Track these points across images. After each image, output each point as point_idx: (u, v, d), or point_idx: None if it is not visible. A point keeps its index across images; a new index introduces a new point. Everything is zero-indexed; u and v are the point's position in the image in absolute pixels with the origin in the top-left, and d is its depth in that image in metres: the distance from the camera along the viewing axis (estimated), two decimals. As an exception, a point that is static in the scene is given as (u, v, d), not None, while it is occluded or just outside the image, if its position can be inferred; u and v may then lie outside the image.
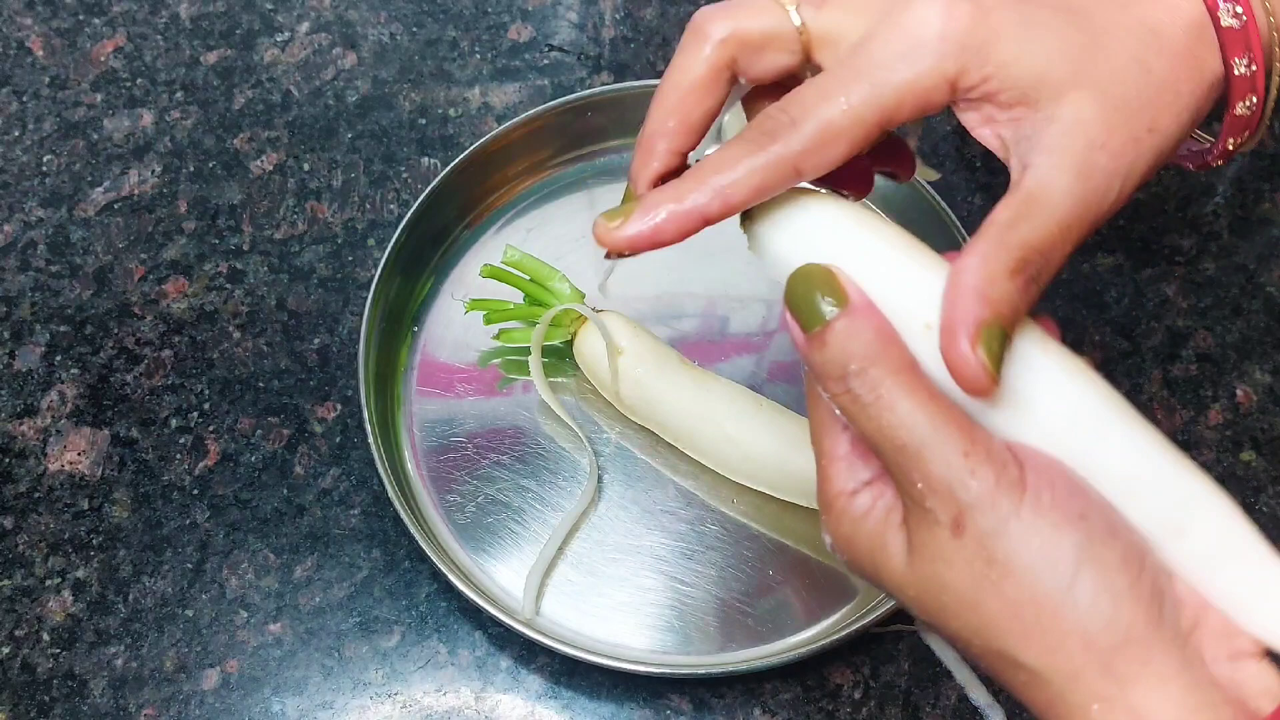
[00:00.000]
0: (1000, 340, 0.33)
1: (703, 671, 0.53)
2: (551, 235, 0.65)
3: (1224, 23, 0.37)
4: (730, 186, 0.36)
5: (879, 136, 0.36)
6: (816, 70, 0.38)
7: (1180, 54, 0.36)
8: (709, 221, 0.37)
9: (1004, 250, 0.34)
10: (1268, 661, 0.34)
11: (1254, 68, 0.37)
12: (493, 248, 0.64)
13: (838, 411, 0.35)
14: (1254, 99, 0.38)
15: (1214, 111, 0.39)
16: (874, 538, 0.35)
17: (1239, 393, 0.61)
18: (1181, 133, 0.37)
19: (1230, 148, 0.41)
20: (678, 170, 0.39)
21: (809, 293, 0.35)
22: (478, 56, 0.72)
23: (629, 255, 0.37)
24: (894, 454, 0.33)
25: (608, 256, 0.38)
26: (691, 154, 0.41)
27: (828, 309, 0.34)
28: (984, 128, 0.36)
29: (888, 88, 0.35)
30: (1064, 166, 0.35)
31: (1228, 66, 0.37)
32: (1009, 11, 0.35)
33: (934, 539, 0.33)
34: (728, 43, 0.37)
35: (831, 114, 0.35)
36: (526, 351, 0.60)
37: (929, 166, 0.39)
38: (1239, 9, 0.37)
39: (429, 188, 0.62)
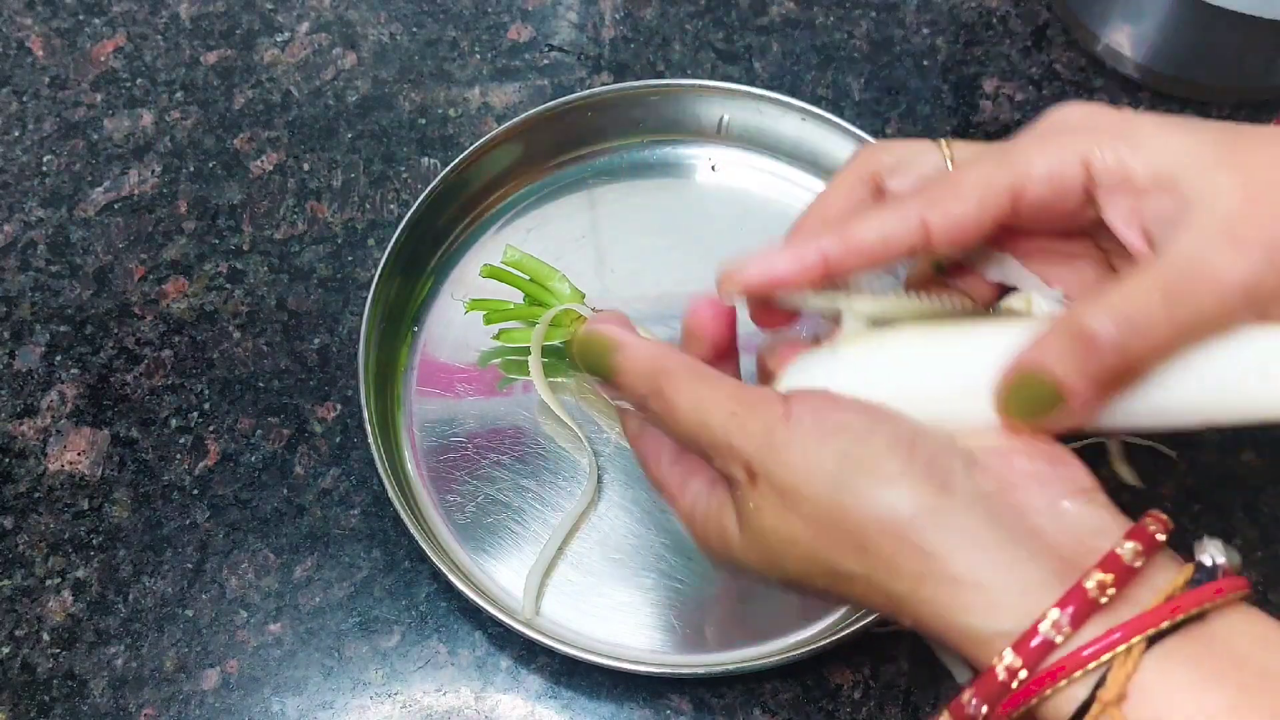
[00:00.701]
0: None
1: (703, 671, 0.53)
2: (551, 235, 0.65)
3: None
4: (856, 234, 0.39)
5: (1008, 211, 0.37)
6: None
7: None
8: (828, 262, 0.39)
9: None
10: (1090, 498, 0.34)
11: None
12: (493, 248, 0.64)
13: (654, 435, 0.40)
14: None
15: None
16: (714, 522, 0.38)
17: (1239, 393, 0.61)
18: None
19: None
20: (813, 281, 0.40)
21: (590, 353, 0.40)
22: (478, 56, 0.72)
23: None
24: (693, 443, 0.37)
25: (728, 297, 0.41)
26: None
27: (606, 357, 0.40)
28: (1129, 220, 0.36)
29: (1017, 160, 0.36)
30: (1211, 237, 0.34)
31: None
32: (1147, 115, 0.37)
33: (744, 498, 0.36)
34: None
35: (961, 177, 0.37)
36: (526, 351, 0.60)
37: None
38: None
39: (429, 188, 0.62)
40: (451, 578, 0.53)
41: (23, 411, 0.60)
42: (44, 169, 0.67)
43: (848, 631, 0.52)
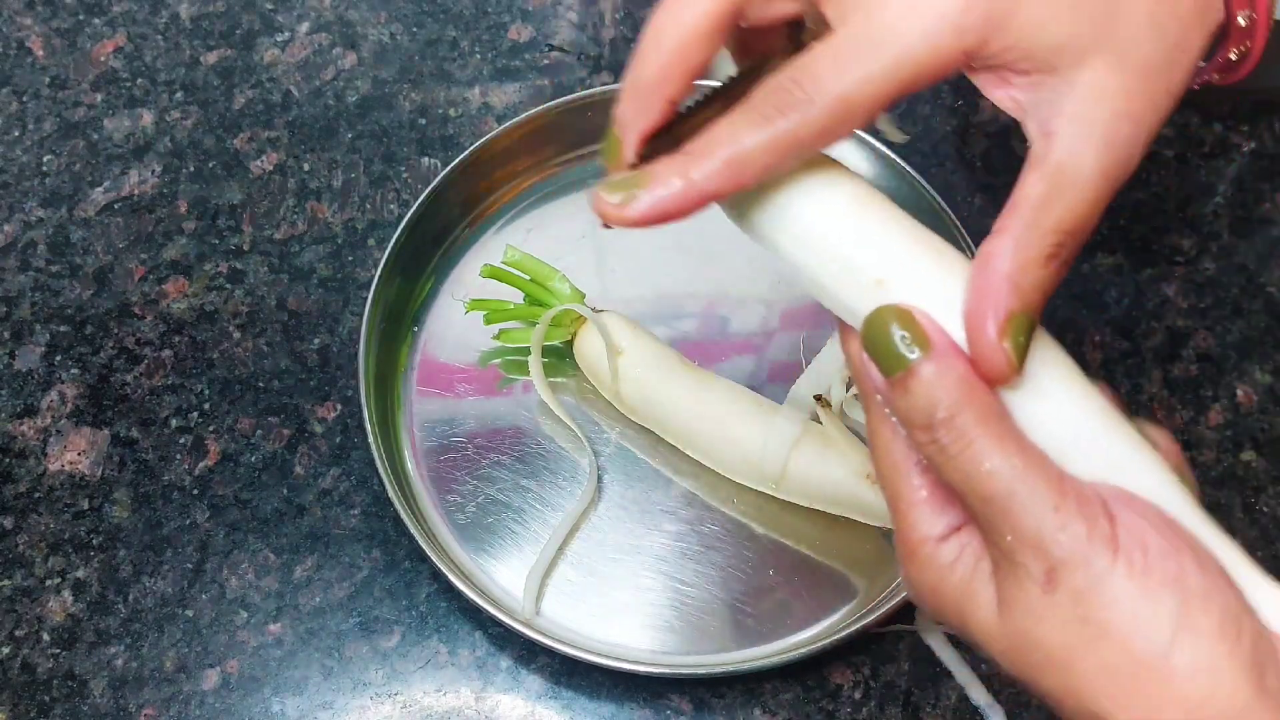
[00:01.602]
0: (1028, 331, 0.33)
1: (703, 671, 0.53)
2: (551, 235, 0.65)
3: None
4: (742, 163, 0.34)
5: (889, 108, 0.35)
6: (819, 21, 0.35)
7: (1190, 10, 0.35)
8: (716, 199, 0.35)
9: (1038, 234, 0.33)
10: None
11: (1254, 17, 0.37)
12: (493, 248, 0.64)
13: (915, 457, 0.34)
14: (1247, 44, 0.38)
15: None
16: (962, 588, 0.34)
17: (1239, 393, 0.61)
18: (1188, 85, 0.36)
19: (1211, 81, 0.41)
20: (666, 121, 0.37)
21: (888, 335, 0.33)
22: (478, 56, 0.72)
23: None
24: (981, 505, 0.32)
25: (606, 227, 0.36)
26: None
27: (909, 353, 0.33)
28: (998, 89, 0.35)
29: (906, 61, 0.33)
30: (1091, 137, 0.33)
31: (1230, 17, 0.37)
32: None
33: (1025, 594, 0.32)
34: None
35: (848, 89, 0.33)
36: (526, 351, 0.60)
37: (897, 128, 0.37)
38: None
39: (429, 188, 0.62)
40: (451, 578, 0.53)
41: (23, 411, 0.60)
42: (44, 169, 0.67)
43: (848, 631, 0.52)
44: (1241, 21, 0.37)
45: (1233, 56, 0.39)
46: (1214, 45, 0.38)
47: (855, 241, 0.35)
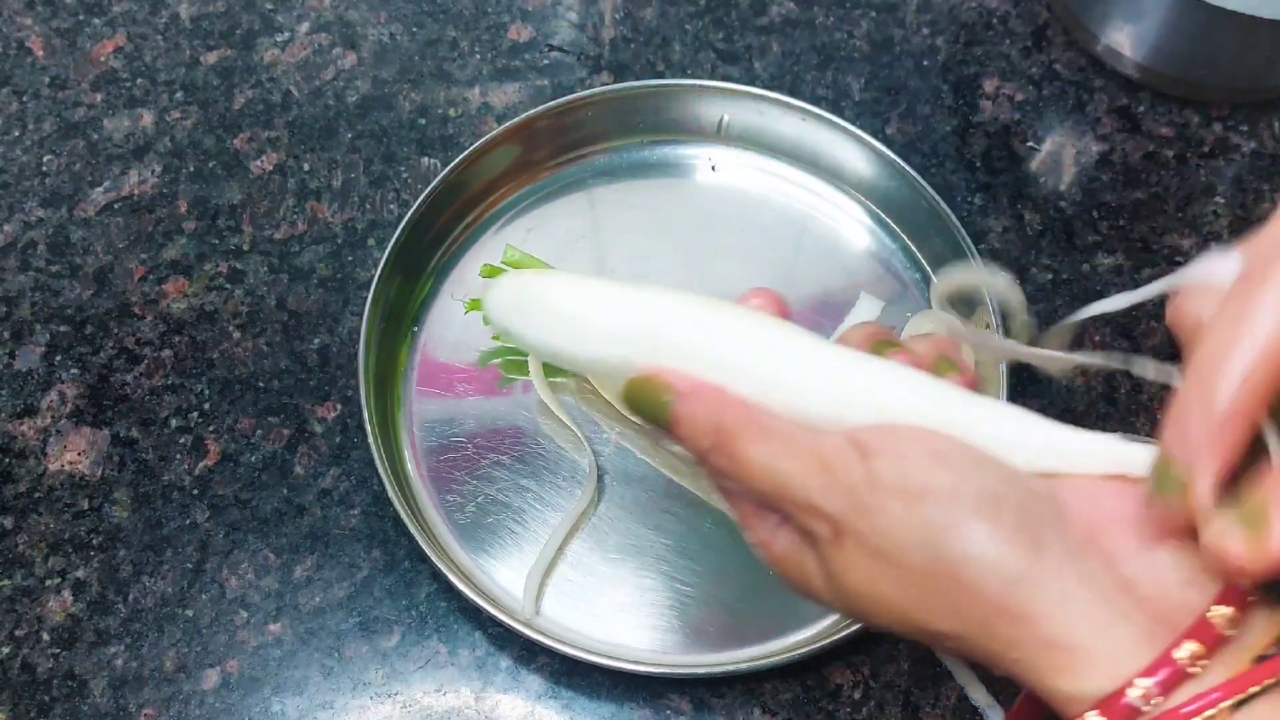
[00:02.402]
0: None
1: (703, 671, 0.53)
2: (551, 235, 0.65)
3: None
4: None
5: None
6: None
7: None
8: None
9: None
10: (1181, 541, 0.33)
11: None
12: (493, 248, 0.64)
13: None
14: None
15: None
16: (799, 570, 0.38)
17: (1239, 393, 0.61)
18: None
19: None
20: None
21: (643, 399, 0.38)
22: (478, 56, 0.72)
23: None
24: (770, 500, 0.37)
25: (1239, 577, 0.31)
26: None
27: (666, 399, 0.37)
28: None
29: None
30: None
31: None
32: None
33: (829, 554, 0.36)
34: None
35: None
36: (526, 352, 0.60)
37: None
38: None
39: (429, 188, 0.62)
40: (451, 578, 0.53)
41: (23, 411, 0.60)
42: (44, 169, 0.67)
43: (848, 631, 0.52)
44: None
45: None
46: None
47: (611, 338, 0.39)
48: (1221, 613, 0.31)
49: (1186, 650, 0.31)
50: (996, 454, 0.35)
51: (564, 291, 0.40)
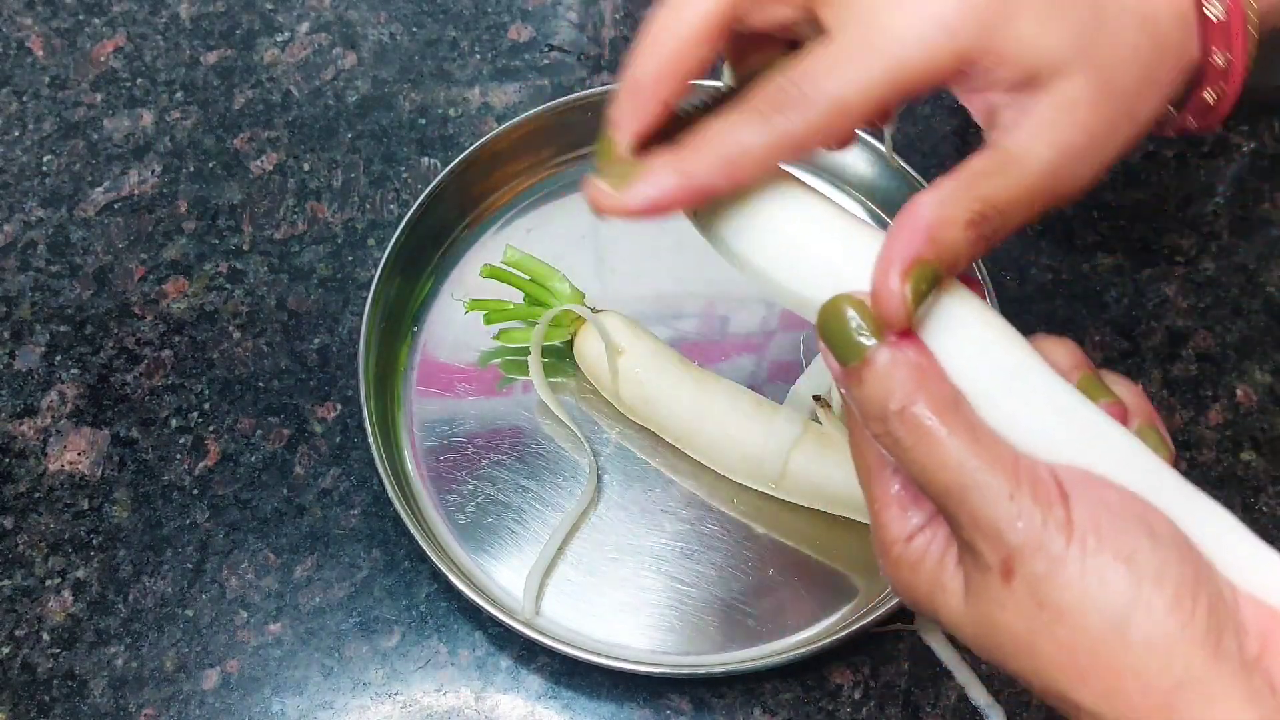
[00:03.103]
0: (930, 282, 0.32)
1: (703, 671, 0.53)
2: (551, 235, 0.65)
3: (1209, 13, 0.36)
4: (738, 160, 0.34)
5: (885, 113, 0.35)
6: (816, 28, 0.36)
7: (1167, 42, 0.36)
8: (711, 196, 0.35)
9: (967, 197, 0.33)
10: None
11: (1230, 59, 0.37)
12: (493, 248, 0.64)
13: (883, 452, 0.34)
14: (1222, 87, 0.38)
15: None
16: (931, 580, 0.34)
17: (1239, 393, 0.61)
18: (1155, 119, 0.37)
19: (1189, 126, 0.41)
20: (661, 122, 0.37)
21: (843, 326, 0.33)
22: (478, 56, 0.72)
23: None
24: (939, 497, 0.33)
25: (600, 217, 0.35)
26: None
27: (865, 341, 0.33)
28: (975, 95, 0.36)
29: (903, 66, 0.34)
30: (1046, 140, 0.34)
31: (1206, 56, 0.37)
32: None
33: (986, 582, 0.32)
34: None
35: (844, 90, 0.33)
36: (526, 351, 0.60)
37: (895, 153, 0.37)
38: (1224, 3, 0.36)
39: (429, 188, 0.62)
40: (451, 578, 0.53)
41: (23, 411, 0.60)
42: (44, 169, 0.67)
43: (847, 631, 0.52)
44: (1218, 61, 0.37)
45: (1208, 98, 0.39)
46: (1189, 89, 0.38)
47: (831, 248, 0.35)
48: None
49: None
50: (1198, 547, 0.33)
51: (790, 212, 0.35)
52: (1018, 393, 0.33)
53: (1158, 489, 0.33)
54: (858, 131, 0.64)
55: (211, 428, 0.60)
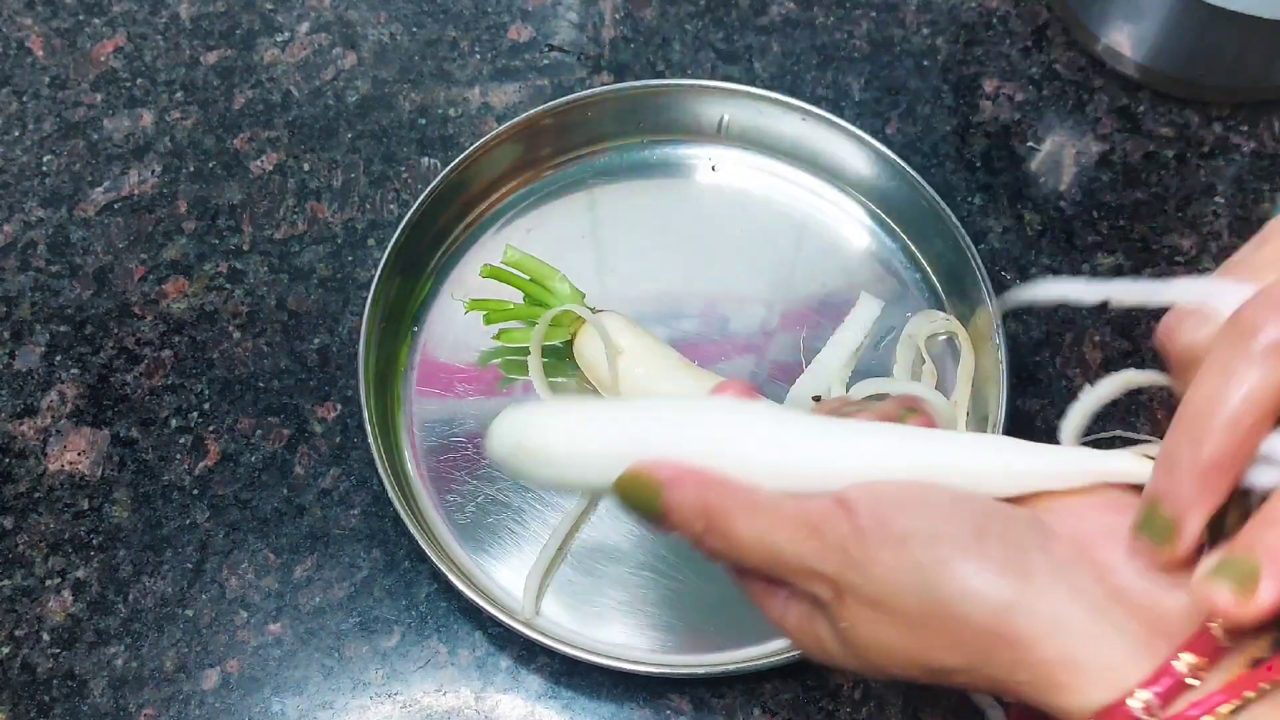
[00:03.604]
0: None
1: (703, 671, 0.53)
2: (551, 235, 0.65)
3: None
4: None
5: None
6: None
7: None
8: None
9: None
10: (1165, 574, 0.33)
11: None
12: (493, 248, 0.64)
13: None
14: None
15: None
16: (812, 639, 0.38)
17: (1239, 393, 0.61)
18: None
19: None
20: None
21: (635, 495, 0.38)
22: (478, 56, 0.72)
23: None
24: (769, 570, 0.37)
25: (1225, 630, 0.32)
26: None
27: (654, 495, 0.37)
28: None
29: None
30: None
31: None
32: None
33: (835, 614, 0.36)
34: None
35: None
36: (526, 351, 0.60)
37: None
38: None
39: (429, 188, 0.62)
40: (451, 578, 0.53)
41: (23, 411, 0.60)
42: (44, 169, 0.67)
43: (848, 631, 0.52)
44: None
45: None
46: None
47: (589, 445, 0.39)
48: (1221, 625, 0.31)
49: (1185, 662, 0.31)
50: (974, 487, 0.37)
51: (549, 434, 0.40)
52: (777, 447, 0.38)
53: (921, 455, 0.37)
54: (857, 132, 0.64)
55: (211, 428, 0.60)
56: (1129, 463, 0.37)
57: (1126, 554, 0.34)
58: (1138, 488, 0.35)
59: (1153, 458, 0.35)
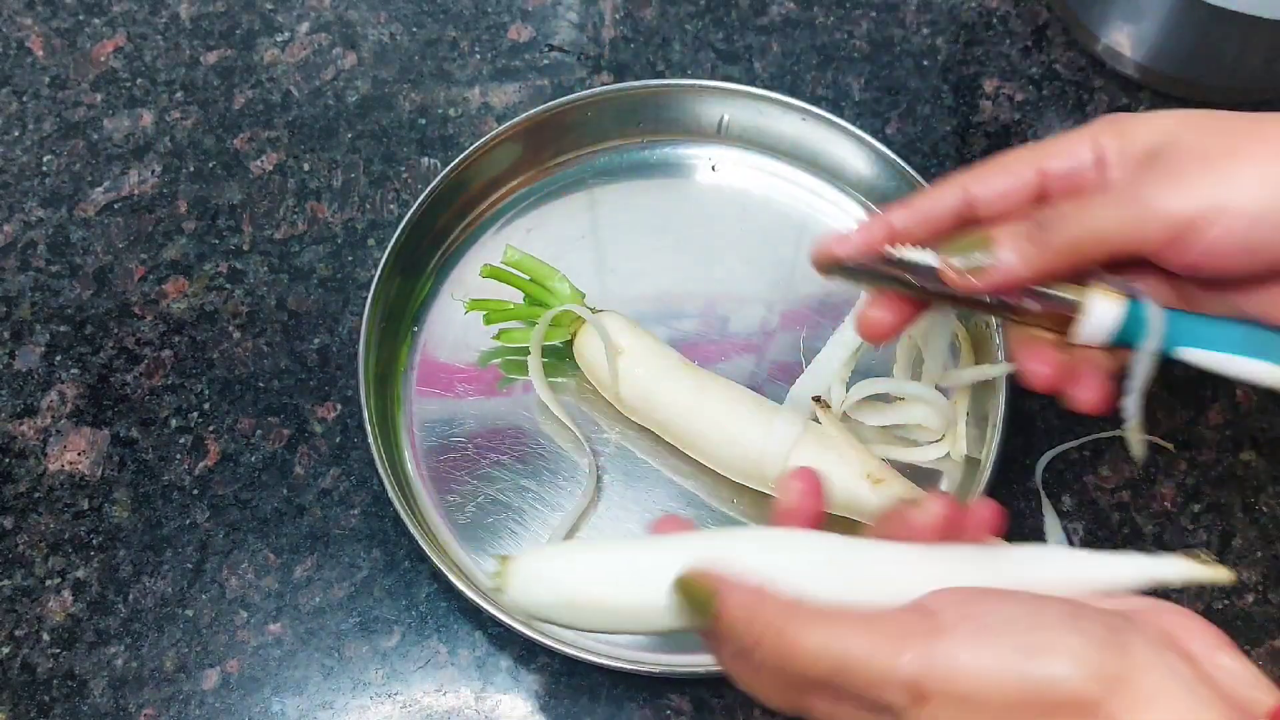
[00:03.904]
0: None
1: (703, 671, 0.53)
2: (551, 235, 0.65)
3: None
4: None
5: (1035, 183, 0.45)
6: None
7: None
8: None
9: None
10: (1234, 653, 0.35)
11: None
12: (493, 248, 0.64)
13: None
14: None
15: None
16: None
17: (1239, 393, 0.61)
18: None
19: None
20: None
21: (691, 597, 0.37)
22: (478, 56, 0.72)
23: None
24: (831, 678, 0.35)
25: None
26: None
27: (710, 599, 0.37)
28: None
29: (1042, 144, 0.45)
30: None
31: None
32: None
33: (912, 718, 0.34)
34: None
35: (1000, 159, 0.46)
36: (526, 351, 0.60)
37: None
38: None
39: (429, 188, 0.62)
40: (451, 578, 0.53)
41: (23, 411, 0.60)
42: (44, 169, 0.67)
43: (848, 631, 0.52)
44: None
45: None
46: None
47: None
48: None
49: None
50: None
51: (601, 586, 0.39)
52: (838, 570, 0.38)
53: (992, 570, 0.38)
54: (857, 132, 0.64)
55: (211, 428, 0.60)
56: (1181, 566, 0.38)
57: (1201, 649, 0.35)
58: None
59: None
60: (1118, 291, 0.43)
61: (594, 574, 0.40)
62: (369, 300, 0.59)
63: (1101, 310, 0.42)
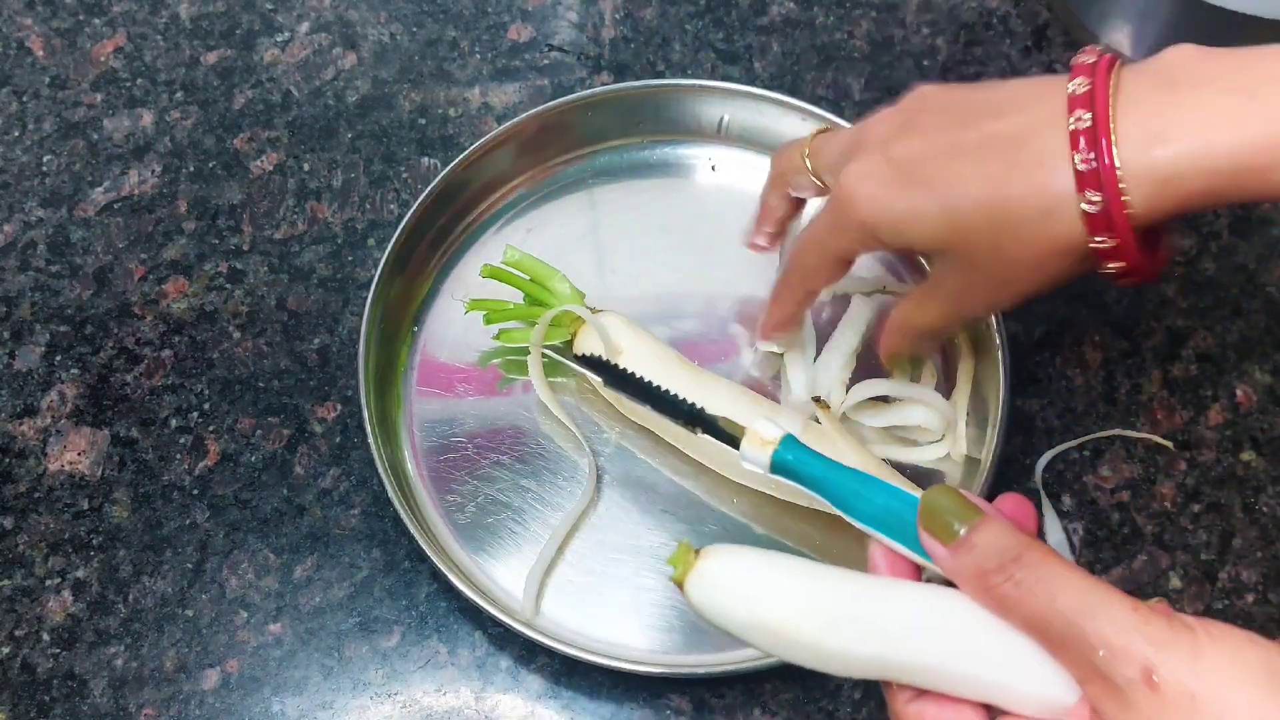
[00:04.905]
0: None
1: (703, 671, 0.53)
2: (551, 235, 0.65)
3: (1084, 207, 0.42)
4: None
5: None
6: None
7: (1039, 238, 0.45)
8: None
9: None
10: None
11: (1115, 241, 0.43)
12: (493, 248, 0.64)
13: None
14: (1109, 236, 0.43)
15: None
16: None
17: (1239, 393, 0.61)
18: (1045, 285, 0.47)
19: (1122, 284, 0.46)
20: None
21: (942, 512, 0.37)
22: (478, 56, 0.72)
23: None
24: (1066, 629, 0.34)
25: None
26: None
27: (963, 520, 0.36)
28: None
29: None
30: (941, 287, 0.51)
31: (1091, 238, 0.43)
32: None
33: (1128, 699, 0.33)
34: None
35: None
36: (526, 351, 0.60)
37: None
38: (1102, 195, 0.42)
39: (429, 188, 0.62)
40: (451, 578, 0.53)
41: (23, 411, 0.60)
42: (44, 169, 0.67)
43: (848, 631, 0.52)
44: (1102, 244, 0.43)
45: (1112, 269, 0.45)
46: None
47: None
48: None
49: None
50: None
51: (801, 622, 0.38)
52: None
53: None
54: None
55: (211, 428, 0.60)
56: None
57: None
58: None
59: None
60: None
61: (800, 605, 0.38)
62: (369, 300, 0.59)
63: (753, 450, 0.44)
